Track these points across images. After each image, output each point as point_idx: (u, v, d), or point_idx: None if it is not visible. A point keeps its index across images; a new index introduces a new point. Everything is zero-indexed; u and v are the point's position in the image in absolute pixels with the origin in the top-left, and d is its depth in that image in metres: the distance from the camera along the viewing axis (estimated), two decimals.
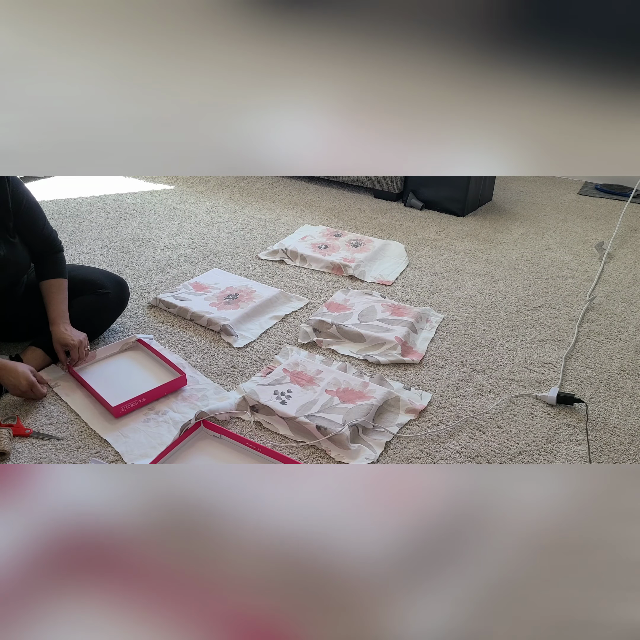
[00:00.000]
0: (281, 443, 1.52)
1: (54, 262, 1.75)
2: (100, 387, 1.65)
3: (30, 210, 1.67)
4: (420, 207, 3.16)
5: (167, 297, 2.12)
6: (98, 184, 3.39)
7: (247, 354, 1.88)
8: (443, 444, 1.54)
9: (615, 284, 2.42)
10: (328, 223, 2.94)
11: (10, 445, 1.44)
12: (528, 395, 1.73)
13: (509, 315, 2.16)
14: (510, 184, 3.68)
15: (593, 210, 3.24)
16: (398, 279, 2.41)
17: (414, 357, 1.88)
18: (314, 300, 2.21)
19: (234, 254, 2.57)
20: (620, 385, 1.79)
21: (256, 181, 3.54)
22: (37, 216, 1.70)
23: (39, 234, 1.71)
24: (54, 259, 1.75)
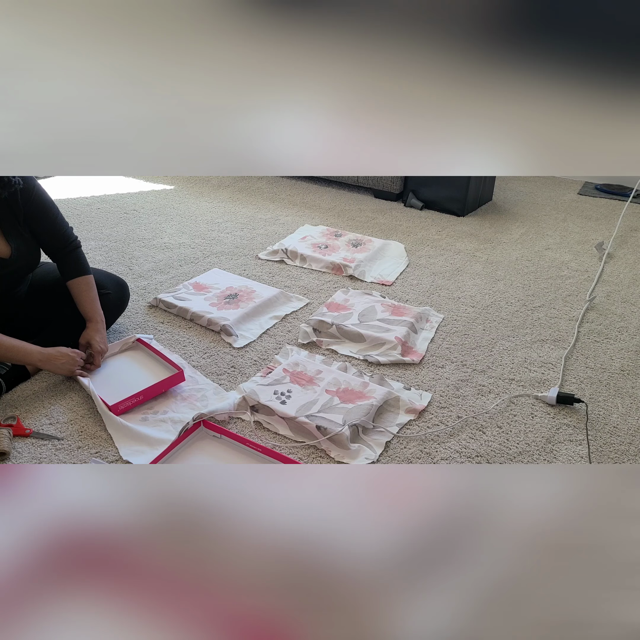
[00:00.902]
0: (281, 443, 1.52)
1: (75, 259, 1.75)
2: (99, 387, 1.65)
3: (40, 202, 1.66)
4: (420, 207, 3.16)
5: (167, 297, 2.12)
6: (98, 184, 3.39)
7: (247, 354, 1.88)
8: (443, 444, 1.54)
9: (615, 284, 2.42)
10: (328, 223, 2.94)
11: (10, 445, 1.44)
12: (528, 395, 1.73)
13: (509, 315, 2.16)
14: (510, 184, 3.68)
15: (593, 210, 3.24)
16: (398, 279, 2.41)
17: (414, 357, 1.88)
18: (314, 300, 2.21)
19: (234, 254, 2.57)
20: (620, 385, 1.79)
21: (256, 181, 3.54)
22: (47, 209, 1.69)
23: (50, 227, 1.70)
24: (74, 256, 1.75)
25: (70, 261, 1.75)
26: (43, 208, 1.67)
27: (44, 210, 1.68)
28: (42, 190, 1.68)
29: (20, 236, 1.64)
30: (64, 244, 1.74)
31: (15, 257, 1.63)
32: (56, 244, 1.73)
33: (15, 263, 1.64)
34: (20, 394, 1.64)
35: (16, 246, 1.62)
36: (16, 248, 1.62)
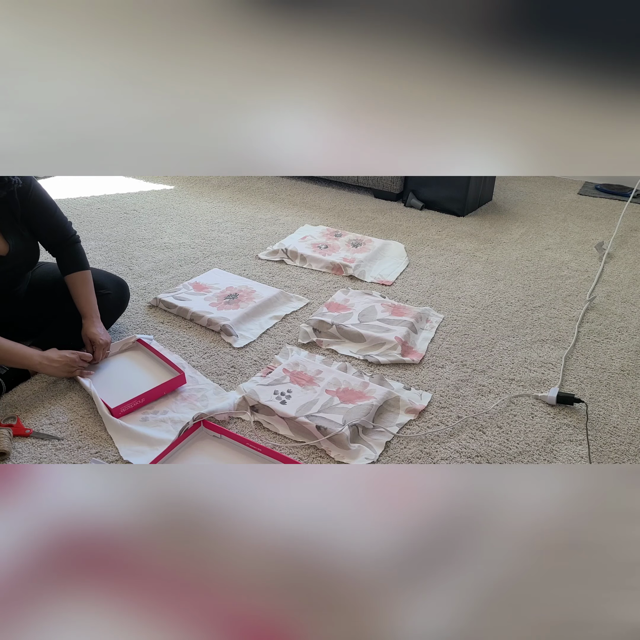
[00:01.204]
0: (281, 443, 1.52)
1: (73, 254, 1.75)
2: (99, 388, 1.65)
3: (38, 199, 1.66)
4: (420, 207, 3.16)
5: (167, 297, 2.12)
6: (98, 184, 3.39)
7: (247, 354, 1.88)
8: (443, 444, 1.54)
9: (615, 284, 2.42)
10: (328, 223, 2.94)
11: (10, 445, 1.44)
12: (528, 395, 1.73)
13: (509, 315, 2.16)
14: (510, 184, 3.68)
15: (593, 210, 3.24)
16: (398, 279, 2.41)
17: (414, 357, 1.88)
18: (314, 300, 2.21)
19: (234, 254, 2.57)
20: (620, 385, 1.79)
21: (256, 181, 3.54)
22: (45, 204, 1.69)
23: (48, 222, 1.70)
24: (72, 251, 1.76)
25: (68, 255, 1.75)
26: (41, 205, 1.68)
27: (41, 207, 1.68)
28: (40, 188, 1.68)
29: (18, 234, 1.64)
30: (63, 238, 1.74)
31: (13, 255, 1.63)
32: (55, 237, 1.74)
33: (13, 260, 1.64)
34: (20, 394, 1.64)
35: (14, 243, 1.62)
36: (14, 245, 1.62)
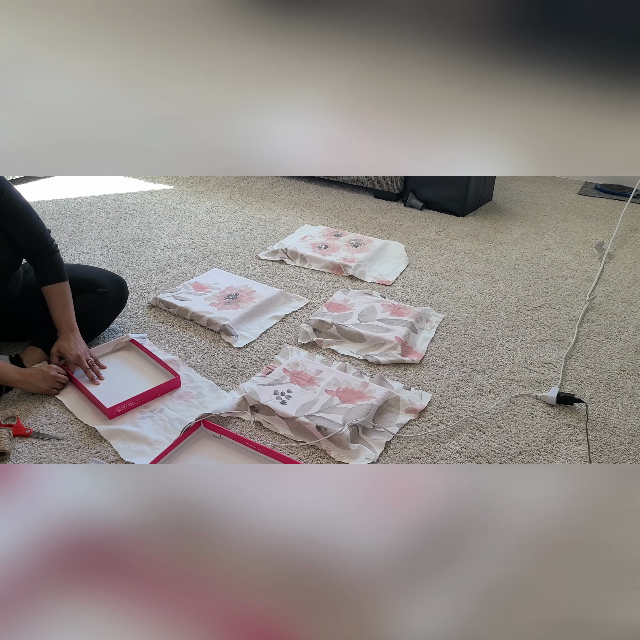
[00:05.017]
0: (281, 443, 1.52)
1: (50, 265, 1.70)
2: (93, 387, 1.66)
3: (12, 204, 1.61)
4: (420, 207, 3.16)
5: (167, 297, 2.12)
6: (98, 184, 3.39)
7: (247, 354, 1.88)
8: (443, 444, 1.54)
9: (615, 284, 2.42)
10: (328, 223, 2.94)
11: (10, 445, 1.44)
12: (528, 395, 1.73)
13: (509, 315, 2.16)
14: (510, 184, 3.68)
15: (593, 210, 3.24)
16: (398, 279, 2.41)
17: (414, 357, 1.88)
18: (314, 300, 2.21)
19: (234, 254, 2.57)
20: (620, 385, 1.79)
21: (256, 181, 3.54)
22: (19, 211, 1.63)
23: (22, 229, 1.64)
24: (50, 262, 1.70)
25: (45, 266, 1.69)
26: (15, 210, 1.62)
27: (15, 213, 1.62)
28: (14, 192, 1.63)
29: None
30: (39, 248, 1.68)
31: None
32: (31, 247, 1.68)
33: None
34: (20, 394, 1.64)
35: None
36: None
